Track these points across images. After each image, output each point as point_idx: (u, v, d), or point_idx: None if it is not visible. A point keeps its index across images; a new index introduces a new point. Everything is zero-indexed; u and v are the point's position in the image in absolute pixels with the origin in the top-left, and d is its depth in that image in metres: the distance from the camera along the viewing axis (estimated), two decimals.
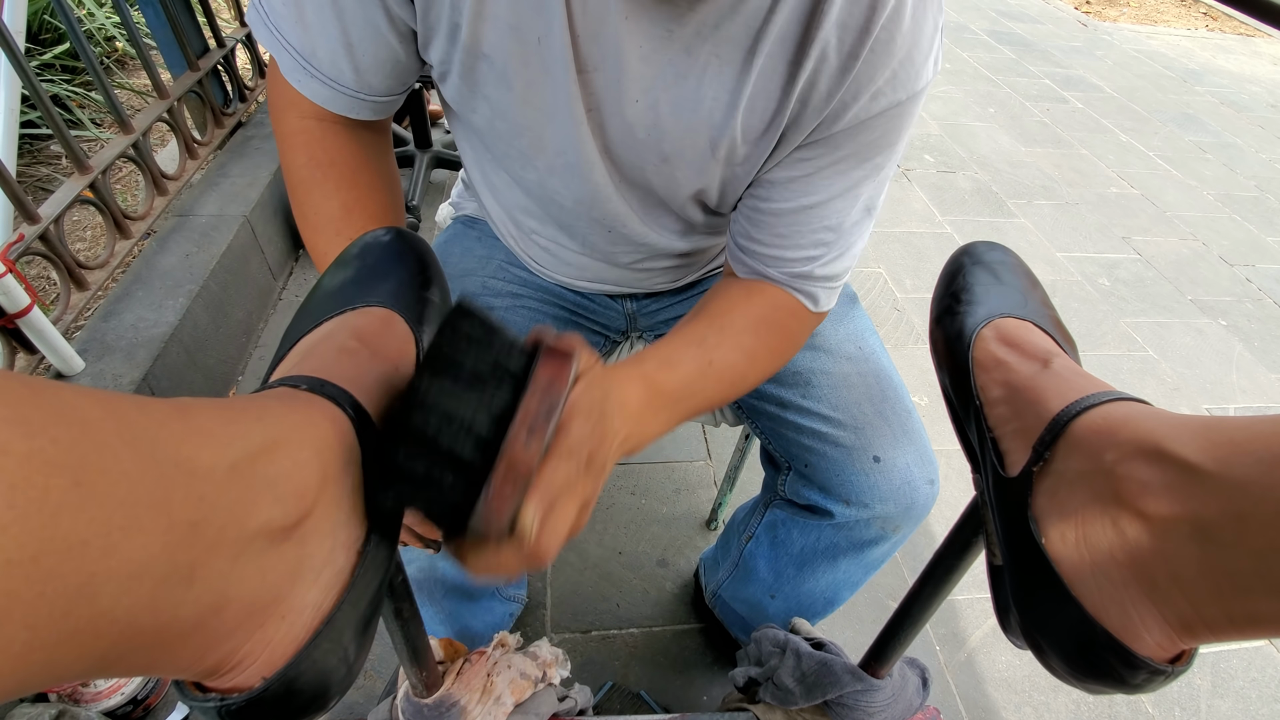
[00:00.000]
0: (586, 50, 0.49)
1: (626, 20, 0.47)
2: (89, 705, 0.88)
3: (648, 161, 0.57)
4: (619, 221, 0.63)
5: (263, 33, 0.52)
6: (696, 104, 0.52)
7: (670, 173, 0.57)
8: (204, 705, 0.24)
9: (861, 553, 0.76)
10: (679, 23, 0.47)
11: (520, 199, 0.68)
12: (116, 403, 0.19)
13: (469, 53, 0.51)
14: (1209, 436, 0.28)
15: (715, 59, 0.49)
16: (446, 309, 0.44)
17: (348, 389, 0.30)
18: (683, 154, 0.55)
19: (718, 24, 0.48)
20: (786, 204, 0.56)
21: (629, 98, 0.51)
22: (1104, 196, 2.57)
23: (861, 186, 0.56)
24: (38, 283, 1.37)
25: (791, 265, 0.58)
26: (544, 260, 0.76)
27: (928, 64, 0.51)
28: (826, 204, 0.56)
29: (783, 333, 0.61)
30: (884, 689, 0.64)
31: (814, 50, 0.48)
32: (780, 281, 0.59)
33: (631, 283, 0.77)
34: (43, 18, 1.85)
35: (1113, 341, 1.89)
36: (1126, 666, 0.30)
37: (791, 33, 0.48)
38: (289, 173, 0.58)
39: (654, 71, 0.50)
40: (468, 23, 0.49)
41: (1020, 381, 0.41)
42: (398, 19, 0.51)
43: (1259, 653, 1.21)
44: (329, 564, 0.26)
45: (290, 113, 0.57)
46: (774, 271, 0.59)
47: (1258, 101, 3.65)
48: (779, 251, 0.58)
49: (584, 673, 1.08)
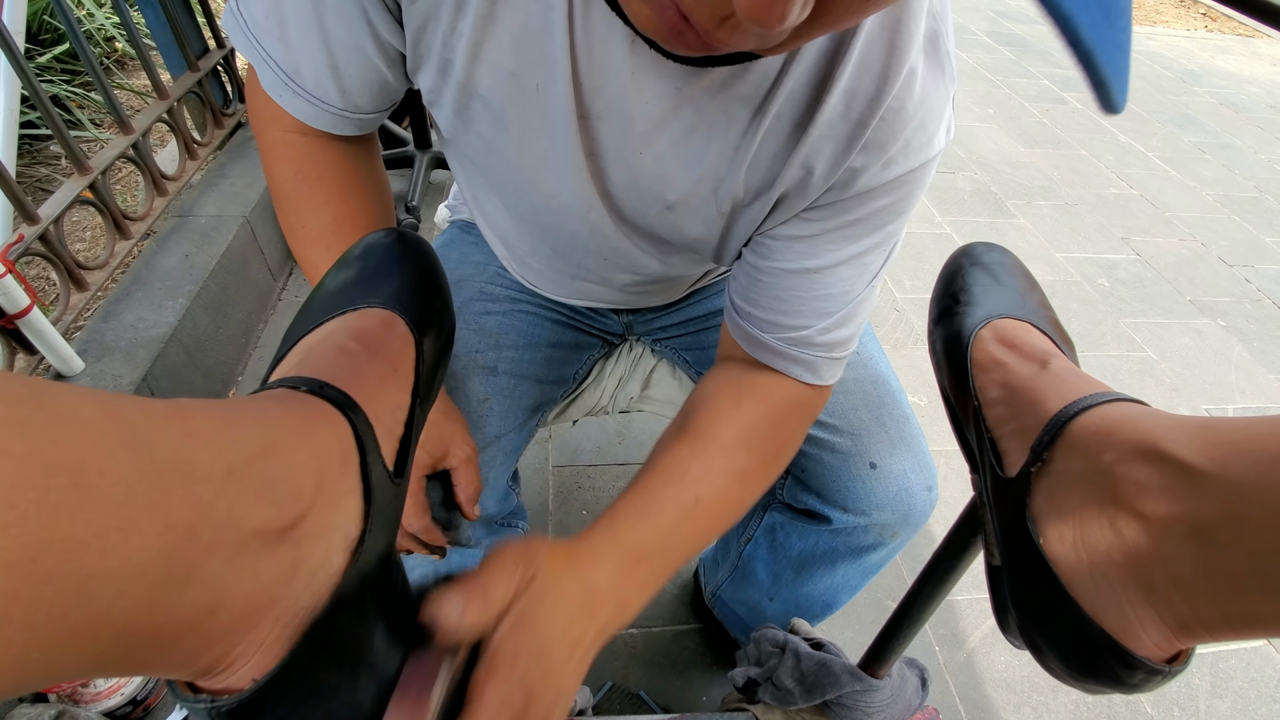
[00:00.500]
0: (590, 100, 0.47)
1: (634, 76, 0.45)
2: (88, 705, 0.88)
3: (651, 209, 0.54)
4: (617, 253, 0.61)
5: (241, 41, 0.49)
6: (703, 156, 0.50)
7: (674, 221, 0.55)
8: (196, 706, 0.24)
9: (859, 558, 0.75)
10: (689, 82, 0.45)
11: (512, 225, 0.66)
12: (116, 404, 0.19)
13: (463, 90, 0.48)
14: (1206, 437, 0.28)
15: (723, 115, 0.48)
16: (448, 311, 0.44)
17: (347, 391, 0.30)
18: (688, 203, 0.53)
19: (727, 83, 0.46)
20: (788, 265, 0.53)
21: (633, 149, 0.50)
22: (1103, 197, 2.57)
23: (869, 255, 0.53)
24: (37, 283, 1.37)
25: (788, 331, 0.55)
26: (537, 281, 0.75)
27: (940, 131, 0.49)
28: (831, 270, 0.53)
29: (779, 438, 0.57)
30: (883, 689, 0.64)
31: (821, 117, 0.46)
32: (777, 351, 0.55)
33: (627, 301, 0.76)
34: (42, 18, 1.85)
35: (1112, 342, 1.89)
36: (1124, 666, 0.30)
37: (800, 96, 0.46)
38: (274, 186, 0.56)
39: (659, 124, 0.48)
40: (462, 63, 0.46)
41: (1018, 382, 0.41)
42: (386, 44, 0.48)
43: (1257, 653, 1.22)
44: (324, 566, 0.26)
45: (273, 126, 0.54)
46: (769, 337, 0.55)
47: (1257, 102, 3.65)
48: (777, 317, 0.55)
49: None
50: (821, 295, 0.53)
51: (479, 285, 0.76)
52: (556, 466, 1.39)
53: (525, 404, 0.73)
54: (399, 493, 0.33)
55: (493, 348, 0.72)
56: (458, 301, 0.74)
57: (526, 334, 0.75)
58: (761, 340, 0.56)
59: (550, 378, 0.77)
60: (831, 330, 0.55)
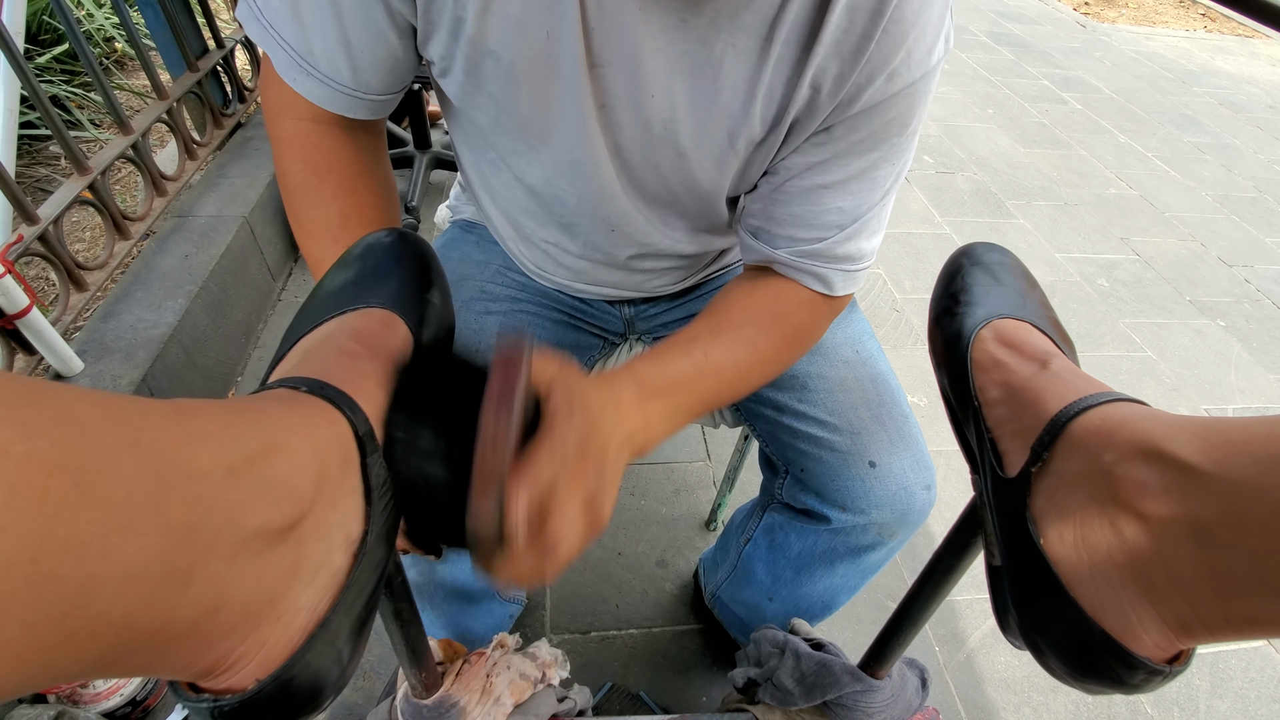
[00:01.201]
0: (599, 45, 0.49)
1: (641, 11, 0.47)
2: (88, 706, 0.88)
3: (664, 157, 0.56)
4: (623, 220, 0.63)
5: (255, 28, 0.51)
6: (714, 95, 0.51)
7: (687, 168, 0.57)
8: (198, 706, 0.24)
9: (858, 558, 0.75)
10: (694, 12, 0.47)
11: (521, 199, 0.67)
12: (115, 404, 0.19)
13: (474, 48, 0.50)
14: (1207, 437, 0.28)
15: (732, 49, 0.49)
16: (447, 311, 0.44)
17: (347, 391, 0.30)
18: (700, 147, 0.55)
19: (733, 13, 0.47)
20: (802, 183, 0.56)
21: (645, 92, 0.51)
22: (1103, 197, 2.57)
23: (879, 169, 0.55)
24: (37, 284, 1.37)
25: (803, 244, 0.57)
26: (541, 263, 0.75)
27: (939, 41, 0.51)
28: (843, 184, 0.55)
29: (791, 324, 0.60)
30: (883, 689, 0.64)
31: (826, 35, 0.48)
32: (790, 264, 0.58)
33: (630, 285, 0.76)
34: (42, 18, 1.85)
35: (1111, 342, 1.89)
36: (1124, 667, 0.30)
37: (804, 18, 0.48)
38: (284, 178, 0.57)
39: (669, 64, 0.50)
40: (473, 17, 0.48)
41: (1019, 382, 0.41)
42: (397, 14, 0.50)
43: (1257, 653, 1.22)
44: (325, 566, 0.26)
45: (285, 116, 0.56)
46: (784, 252, 0.58)
47: (1256, 102, 3.65)
48: (791, 231, 0.57)
49: (583, 673, 1.08)
50: (833, 209, 0.56)
51: (480, 284, 0.76)
52: None
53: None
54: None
55: (493, 349, 0.72)
56: (458, 301, 0.74)
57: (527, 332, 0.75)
58: (776, 257, 0.58)
59: None
60: (845, 243, 0.57)
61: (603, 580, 1.20)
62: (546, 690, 0.64)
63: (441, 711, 0.59)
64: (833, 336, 0.75)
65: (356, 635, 0.29)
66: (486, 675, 0.62)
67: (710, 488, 1.38)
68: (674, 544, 1.27)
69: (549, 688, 0.65)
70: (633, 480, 1.37)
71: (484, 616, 0.88)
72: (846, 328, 0.76)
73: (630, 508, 1.32)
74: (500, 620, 0.94)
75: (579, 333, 0.82)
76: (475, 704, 0.60)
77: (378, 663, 1.06)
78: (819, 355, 0.73)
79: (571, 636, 1.12)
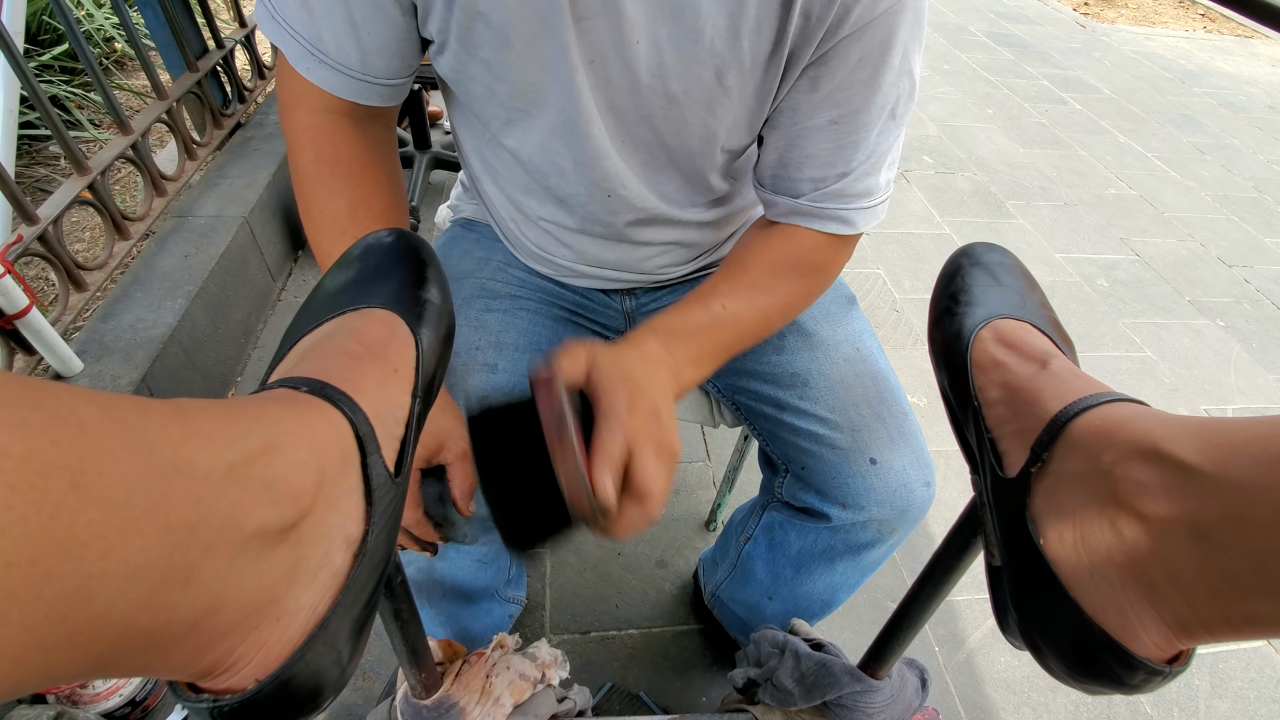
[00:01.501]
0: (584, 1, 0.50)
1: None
2: (87, 707, 0.88)
3: (655, 107, 0.57)
4: (618, 182, 0.63)
5: (270, 27, 0.54)
6: (698, 35, 0.52)
7: (679, 115, 0.58)
8: (197, 706, 0.24)
9: (858, 555, 0.76)
10: None
11: (520, 177, 0.68)
12: (115, 404, 0.19)
13: (466, 14, 0.52)
14: (1206, 437, 0.28)
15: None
16: (447, 309, 0.45)
17: (347, 391, 0.30)
18: (689, 92, 0.56)
19: None
20: (811, 122, 0.57)
21: (629, 40, 0.52)
22: (1102, 197, 2.58)
23: (883, 90, 0.55)
24: (36, 284, 1.37)
25: (824, 184, 0.59)
26: (542, 243, 0.74)
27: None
28: (853, 116, 0.56)
29: (808, 266, 0.62)
30: (883, 690, 0.64)
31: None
32: (813, 212, 0.60)
33: (630, 264, 0.75)
34: (41, 18, 1.85)
35: (1111, 342, 1.89)
36: (1124, 667, 0.30)
37: None
38: (296, 170, 0.59)
39: (650, 10, 0.51)
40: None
41: (1018, 383, 0.41)
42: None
43: (1257, 653, 1.22)
44: (325, 566, 0.26)
45: (299, 108, 0.58)
46: (806, 200, 0.59)
47: (1255, 103, 3.65)
48: (811, 172, 0.59)
49: (583, 674, 1.08)
50: (845, 143, 0.57)
51: (480, 282, 0.76)
52: None
53: None
54: (399, 492, 0.33)
55: (493, 346, 0.72)
56: (459, 298, 0.74)
57: (528, 332, 0.75)
58: (799, 206, 0.60)
59: None
60: (864, 178, 0.59)
61: (602, 580, 1.20)
62: (546, 691, 0.64)
63: (441, 712, 0.59)
64: (833, 334, 0.75)
65: (356, 636, 0.29)
66: (486, 676, 0.62)
67: (710, 488, 1.38)
68: (673, 544, 1.27)
69: (548, 688, 0.65)
70: None
71: (483, 616, 0.88)
72: (847, 325, 0.76)
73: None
74: (500, 620, 0.94)
75: (580, 329, 0.82)
76: (475, 704, 0.60)
77: (377, 663, 1.06)
78: (819, 352, 0.74)
79: (571, 637, 1.12)
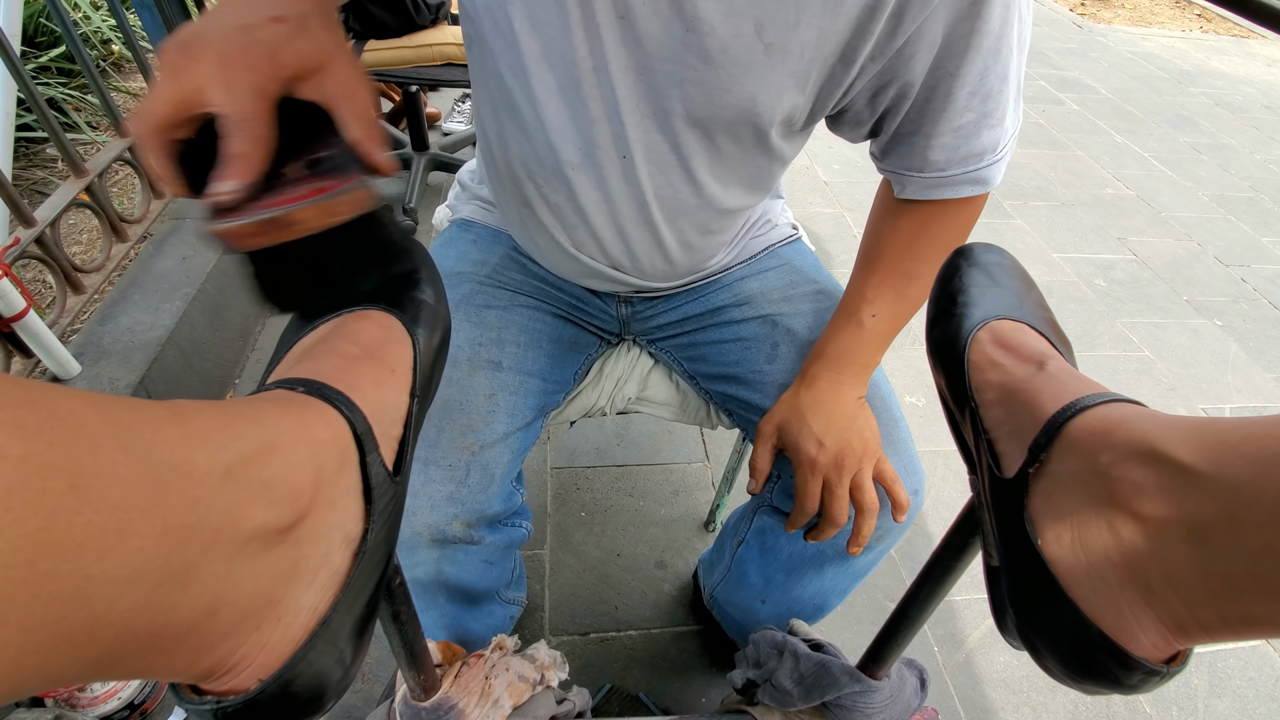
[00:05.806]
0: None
1: None
2: (86, 710, 0.88)
3: (688, 66, 0.54)
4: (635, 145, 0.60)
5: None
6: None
7: (715, 77, 0.54)
8: (199, 708, 0.24)
9: (847, 561, 0.76)
10: None
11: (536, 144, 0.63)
12: (112, 406, 0.19)
13: None
14: (1203, 438, 0.28)
15: None
16: (442, 309, 0.45)
17: (344, 391, 0.30)
18: (727, 50, 0.52)
19: None
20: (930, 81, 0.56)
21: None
22: (1099, 198, 2.58)
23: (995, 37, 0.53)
24: (33, 286, 1.36)
25: (961, 146, 0.59)
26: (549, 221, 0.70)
27: None
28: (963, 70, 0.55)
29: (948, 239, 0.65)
30: (882, 690, 0.64)
31: None
32: (952, 181, 0.61)
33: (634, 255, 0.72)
34: (38, 21, 1.85)
35: (1109, 342, 1.89)
36: (1122, 667, 0.30)
37: None
38: None
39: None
40: None
41: (1016, 383, 0.41)
42: None
43: (1256, 652, 1.22)
44: (325, 566, 0.26)
45: None
46: (950, 171, 0.61)
47: (1252, 103, 3.66)
48: (945, 137, 0.59)
49: (582, 675, 1.08)
50: (964, 94, 0.56)
51: (478, 280, 0.77)
52: (555, 468, 1.39)
53: (531, 402, 0.73)
54: (399, 491, 0.33)
55: (495, 342, 0.72)
56: (457, 296, 0.74)
57: (528, 329, 0.75)
58: (945, 177, 0.61)
59: (553, 376, 0.77)
60: (994, 127, 0.59)
61: (601, 582, 1.20)
62: (545, 692, 0.64)
63: (440, 714, 0.59)
64: None
65: (358, 635, 0.29)
66: (485, 677, 0.62)
67: (709, 489, 1.38)
68: (673, 545, 1.27)
69: (548, 689, 0.65)
70: (631, 481, 1.37)
71: (484, 618, 0.88)
72: None
73: (629, 509, 1.32)
74: (501, 622, 0.94)
75: (576, 329, 0.82)
76: (474, 706, 0.60)
77: (376, 665, 1.06)
78: None
79: (570, 638, 1.12)
